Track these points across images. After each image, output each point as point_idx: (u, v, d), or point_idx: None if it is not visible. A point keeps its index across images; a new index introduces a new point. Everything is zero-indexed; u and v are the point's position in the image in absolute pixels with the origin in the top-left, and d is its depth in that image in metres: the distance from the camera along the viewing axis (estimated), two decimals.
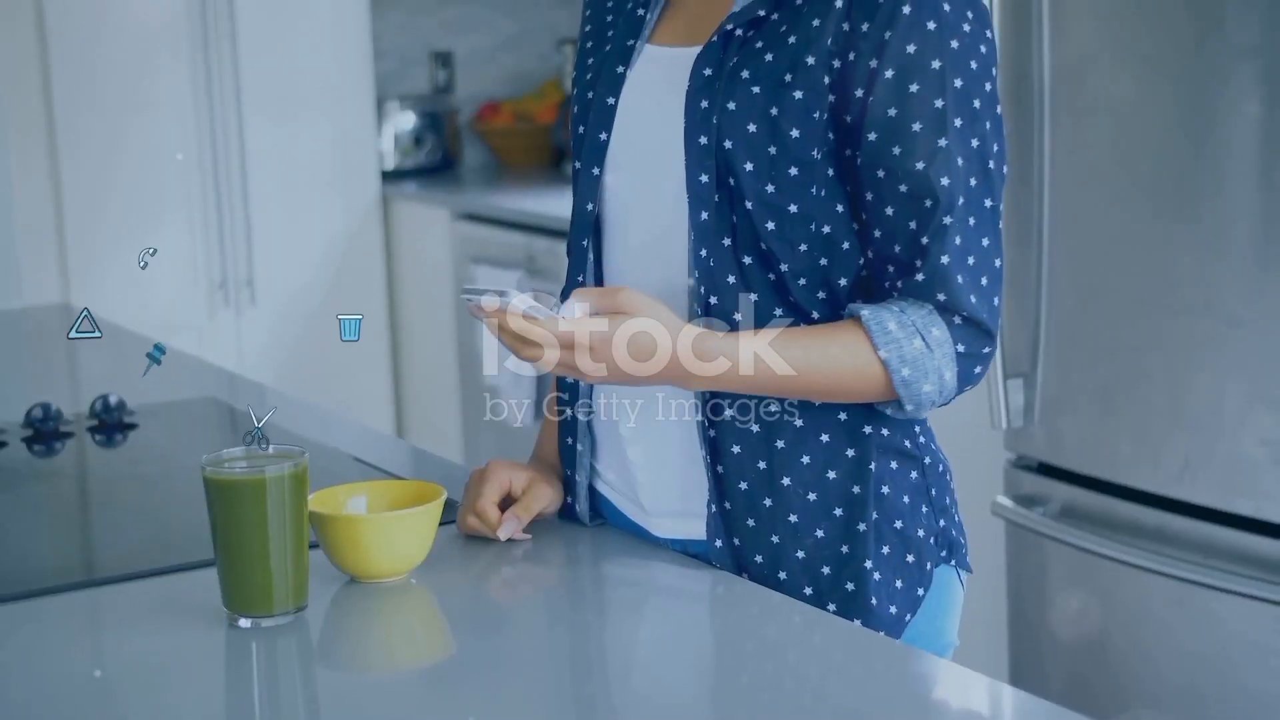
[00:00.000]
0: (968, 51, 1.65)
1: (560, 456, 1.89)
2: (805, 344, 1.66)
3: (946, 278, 1.65)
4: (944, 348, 1.66)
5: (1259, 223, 2.59)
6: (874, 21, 1.63)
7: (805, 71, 1.65)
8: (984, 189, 1.67)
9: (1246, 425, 2.64)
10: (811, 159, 1.66)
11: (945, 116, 1.63)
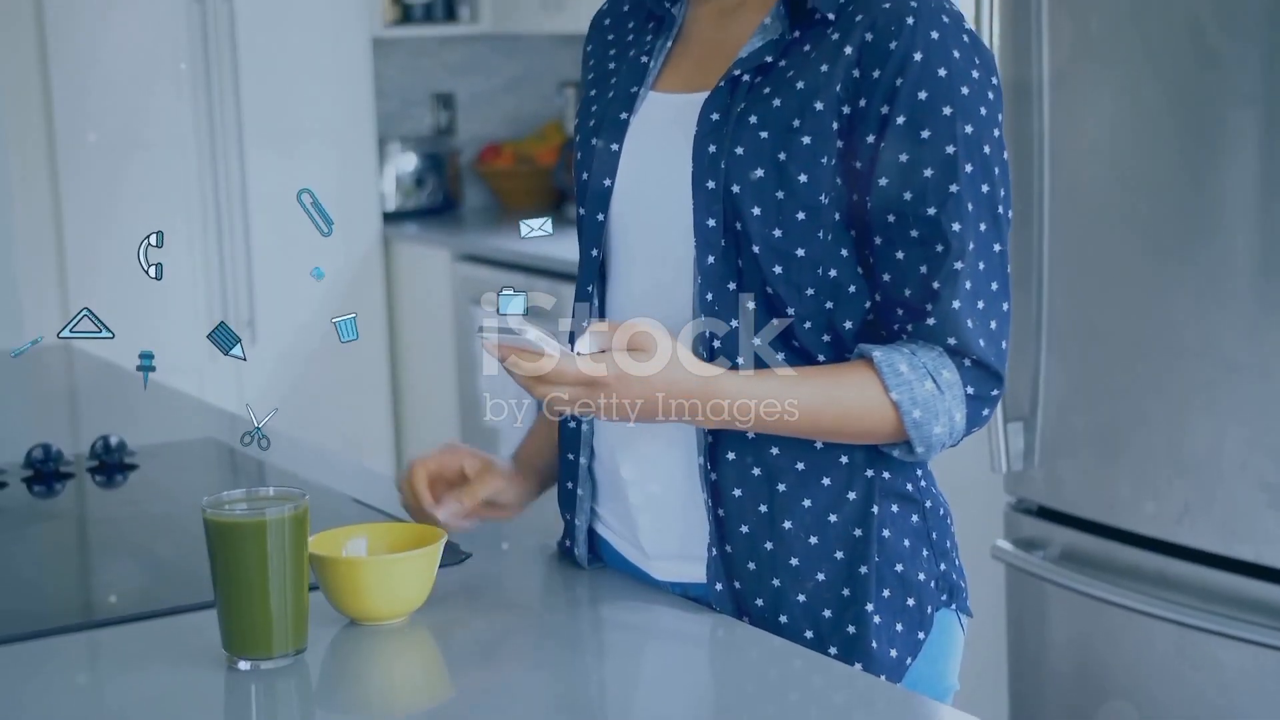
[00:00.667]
0: (977, 98, 1.66)
1: (560, 500, 1.89)
2: (817, 383, 1.66)
3: (957, 322, 1.66)
4: (954, 390, 1.67)
5: (1258, 267, 2.59)
6: (885, 68, 1.64)
7: (814, 117, 1.65)
8: (993, 234, 1.67)
9: (1246, 469, 2.64)
10: (819, 204, 1.66)
11: (956, 162, 1.64)
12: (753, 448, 1.71)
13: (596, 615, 1.82)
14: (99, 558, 2.15)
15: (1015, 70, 2.92)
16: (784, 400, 1.65)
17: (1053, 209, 2.91)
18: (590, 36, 1.93)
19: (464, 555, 1.92)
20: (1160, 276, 2.75)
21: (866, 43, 1.64)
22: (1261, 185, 2.57)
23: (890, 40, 1.64)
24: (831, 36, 1.67)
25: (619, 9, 1.91)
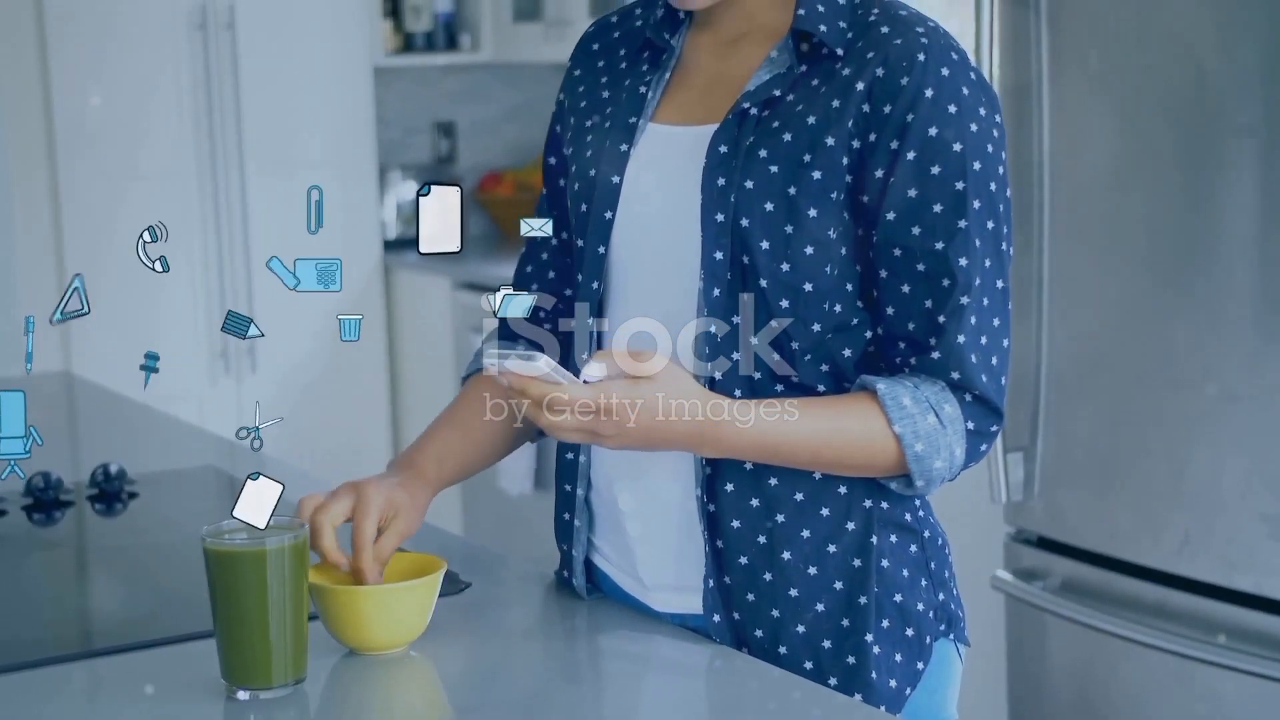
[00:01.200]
0: (984, 135, 1.67)
1: (556, 531, 1.88)
2: (821, 415, 1.66)
3: (961, 357, 1.66)
4: (956, 424, 1.67)
5: (1258, 298, 2.60)
6: (896, 104, 1.64)
7: (825, 152, 1.66)
8: (997, 269, 1.68)
9: (1246, 500, 2.64)
10: (827, 238, 1.67)
11: (965, 198, 1.65)
12: (751, 479, 1.71)
13: (595, 645, 1.82)
14: (98, 586, 2.15)
15: (1015, 99, 2.93)
16: (787, 431, 1.65)
17: (1053, 238, 2.91)
18: (577, 61, 1.91)
19: (464, 585, 1.92)
20: (1160, 307, 2.75)
21: (878, 78, 1.65)
22: (1261, 215, 2.58)
23: (902, 76, 1.64)
24: (842, 72, 1.67)
25: (609, 36, 1.90)
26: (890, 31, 1.67)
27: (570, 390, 1.59)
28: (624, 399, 1.60)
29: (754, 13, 1.76)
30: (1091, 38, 2.83)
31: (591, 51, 1.90)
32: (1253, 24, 2.57)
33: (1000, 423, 1.71)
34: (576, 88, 1.89)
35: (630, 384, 1.61)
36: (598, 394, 1.59)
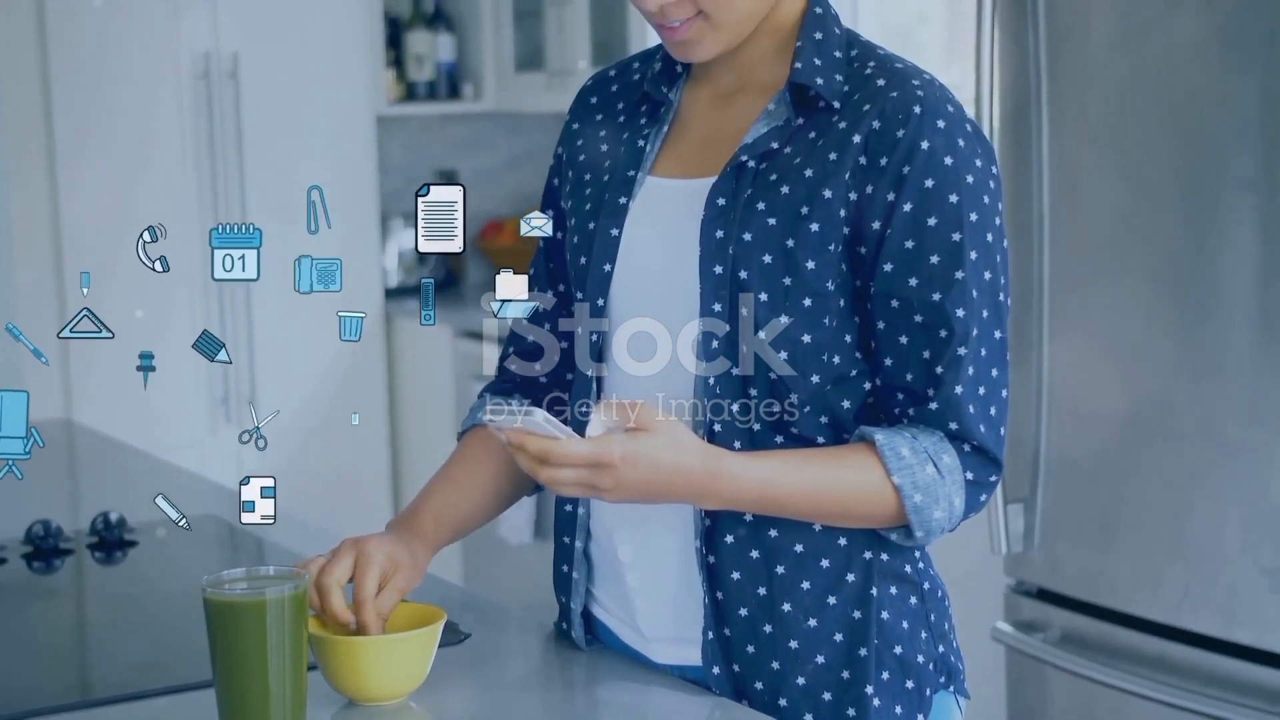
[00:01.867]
0: (980, 187, 1.67)
1: (555, 583, 1.88)
2: (820, 466, 1.67)
3: (959, 408, 1.67)
4: (954, 475, 1.68)
5: (1257, 350, 2.60)
6: (892, 156, 1.65)
7: (822, 204, 1.66)
8: (995, 320, 1.69)
9: (1246, 553, 2.64)
10: (825, 290, 1.67)
11: (962, 249, 1.65)
12: (751, 530, 1.71)
13: (594, 696, 1.81)
14: (98, 635, 2.15)
15: (1016, 153, 2.94)
16: (786, 483, 1.65)
17: (1053, 290, 2.92)
18: (575, 115, 1.92)
19: (463, 635, 1.92)
20: (1160, 359, 2.76)
21: (874, 130, 1.66)
22: (1260, 267, 2.58)
23: (898, 129, 1.65)
24: (839, 125, 1.68)
25: (607, 89, 1.91)
26: (886, 84, 1.68)
27: (567, 445, 1.59)
28: (622, 453, 1.60)
29: (751, 66, 1.77)
30: (1091, 90, 2.84)
31: (589, 105, 1.90)
32: (1252, 76, 2.58)
33: (999, 473, 1.72)
34: (575, 141, 1.89)
35: (628, 438, 1.61)
36: (596, 448, 1.59)
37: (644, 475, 1.61)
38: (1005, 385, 1.72)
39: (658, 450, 1.61)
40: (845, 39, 1.75)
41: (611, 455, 1.59)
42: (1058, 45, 2.89)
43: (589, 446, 1.59)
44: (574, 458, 1.59)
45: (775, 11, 1.74)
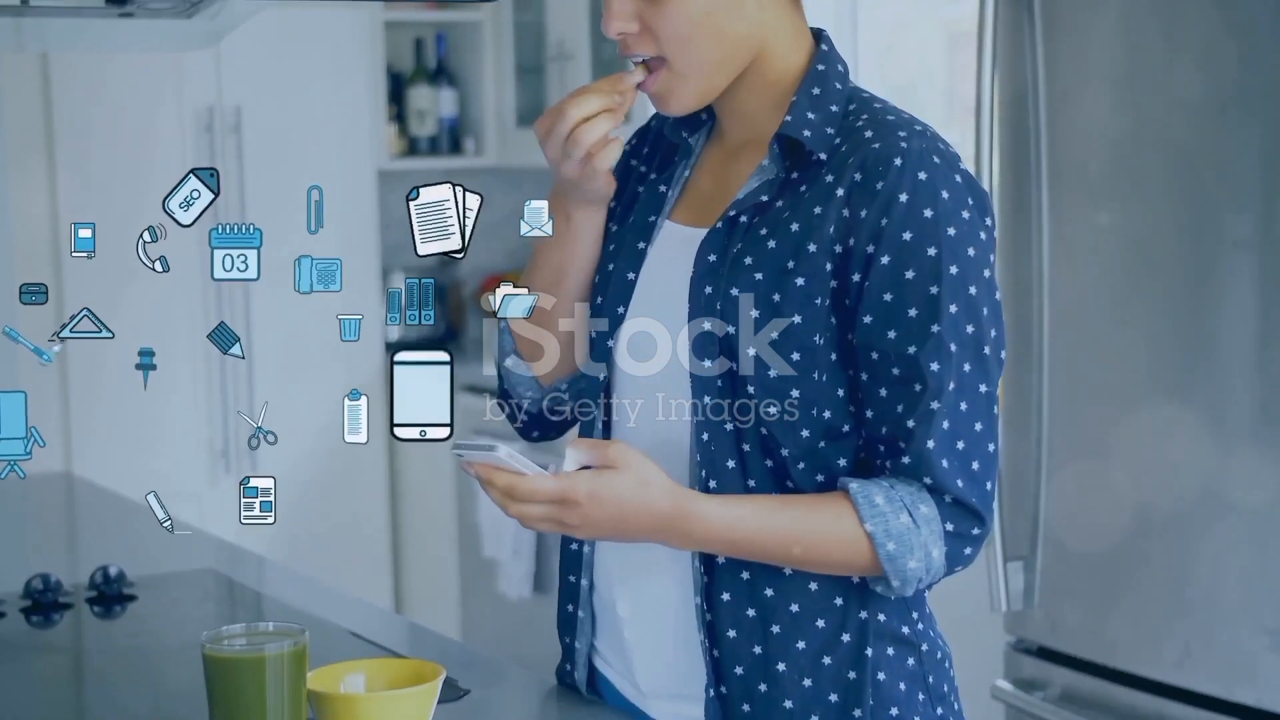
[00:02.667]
0: (965, 239, 1.67)
1: (559, 625, 1.88)
2: (792, 512, 1.67)
3: (931, 462, 1.66)
4: (931, 525, 1.67)
5: (1257, 409, 2.60)
6: (872, 208, 1.65)
7: (807, 258, 1.67)
8: (978, 374, 1.68)
9: (1247, 612, 2.63)
10: (813, 344, 1.68)
11: (939, 302, 1.65)
12: (747, 589, 1.71)
13: None
14: (96, 691, 2.14)
15: (1015, 210, 2.95)
16: (756, 526, 1.66)
17: (1052, 349, 2.92)
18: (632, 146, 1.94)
19: (462, 691, 1.91)
20: (1160, 417, 2.76)
21: (855, 182, 1.67)
22: (1259, 327, 2.59)
23: (877, 180, 1.66)
24: (825, 178, 1.69)
25: (647, 138, 1.93)
26: (872, 136, 1.69)
27: (533, 481, 1.62)
28: (588, 491, 1.61)
29: (754, 121, 1.78)
30: (1090, 148, 2.85)
31: (627, 153, 1.93)
32: (1251, 136, 2.59)
33: (983, 527, 1.70)
34: (622, 172, 1.91)
35: (594, 475, 1.62)
36: (561, 486, 1.61)
37: (610, 513, 1.62)
38: (992, 440, 1.70)
39: (624, 489, 1.62)
40: (846, 95, 1.76)
41: (577, 492, 1.61)
42: (1057, 103, 2.90)
43: (554, 484, 1.61)
44: (539, 494, 1.62)
45: (770, 67, 1.76)
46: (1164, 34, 2.71)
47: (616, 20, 1.72)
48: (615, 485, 1.62)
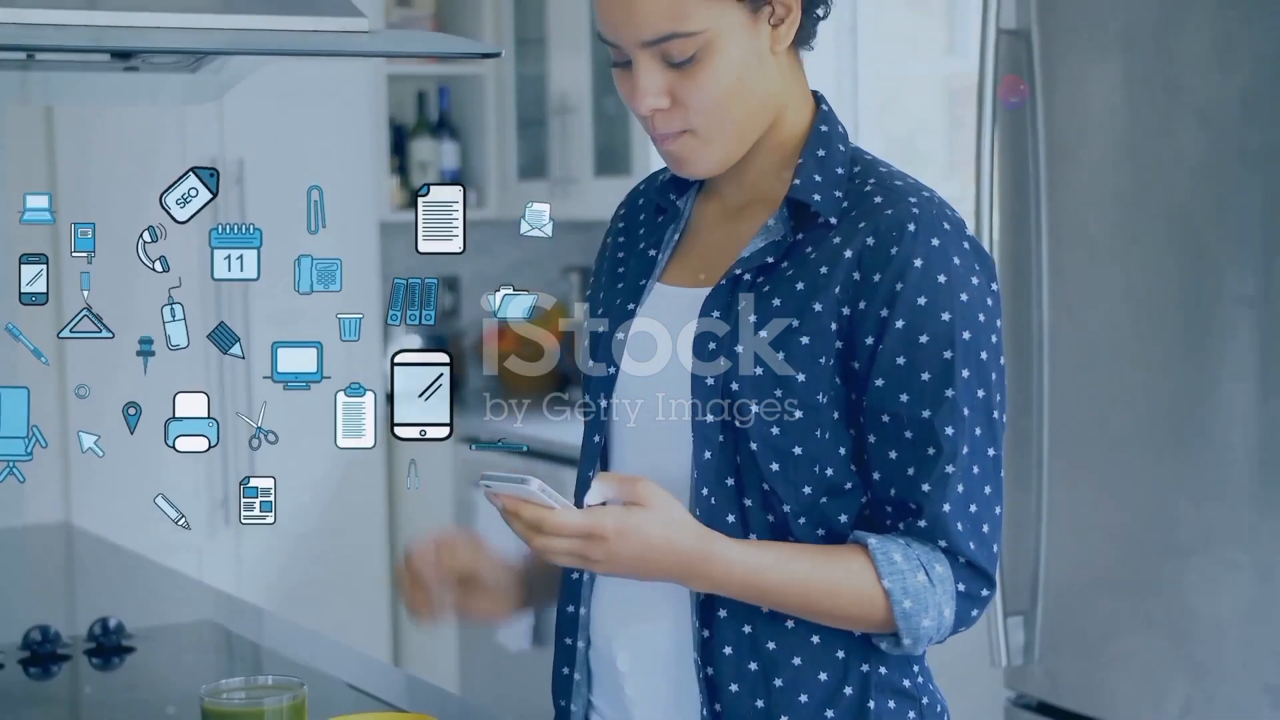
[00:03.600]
0: (975, 305, 1.68)
1: (554, 687, 1.88)
2: (813, 561, 1.67)
3: (947, 525, 1.67)
4: (946, 585, 1.67)
5: (1256, 466, 2.60)
6: (885, 273, 1.66)
7: (813, 318, 1.68)
8: (988, 438, 1.69)
9: (1248, 670, 2.63)
10: (817, 403, 1.68)
11: (953, 367, 1.66)
12: (750, 642, 1.71)
13: None
14: None
15: (1015, 266, 2.96)
16: (778, 573, 1.66)
17: (1052, 406, 2.93)
18: (618, 214, 1.95)
19: None
20: (1159, 474, 2.76)
21: (868, 246, 1.67)
22: (1259, 385, 2.59)
23: (892, 245, 1.66)
24: (833, 240, 1.69)
25: (635, 202, 1.94)
26: (883, 201, 1.70)
27: (562, 515, 1.61)
28: (616, 527, 1.61)
29: (757, 181, 1.79)
30: (1090, 204, 2.86)
31: (620, 215, 1.94)
32: (1250, 193, 2.60)
33: (991, 589, 1.71)
34: (604, 253, 1.93)
35: (623, 511, 1.62)
36: (589, 520, 1.61)
37: (636, 550, 1.62)
38: (999, 503, 1.72)
39: (651, 526, 1.62)
40: (849, 156, 1.76)
41: (605, 528, 1.61)
42: (1057, 158, 2.91)
43: (583, 517, 1.61)
44: (568, 528, 1.61)
45: (780, 128, 1.76)
46: (1164, 91, 2.72)
47: (649, 97, 1.70)
48: (642, 523, 1.62)
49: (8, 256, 4.58)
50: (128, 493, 4.88)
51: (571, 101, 5.16)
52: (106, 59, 2.07)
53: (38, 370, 4.74)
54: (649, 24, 1.67)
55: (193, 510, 5.10)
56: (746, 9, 1.68)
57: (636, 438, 1.78)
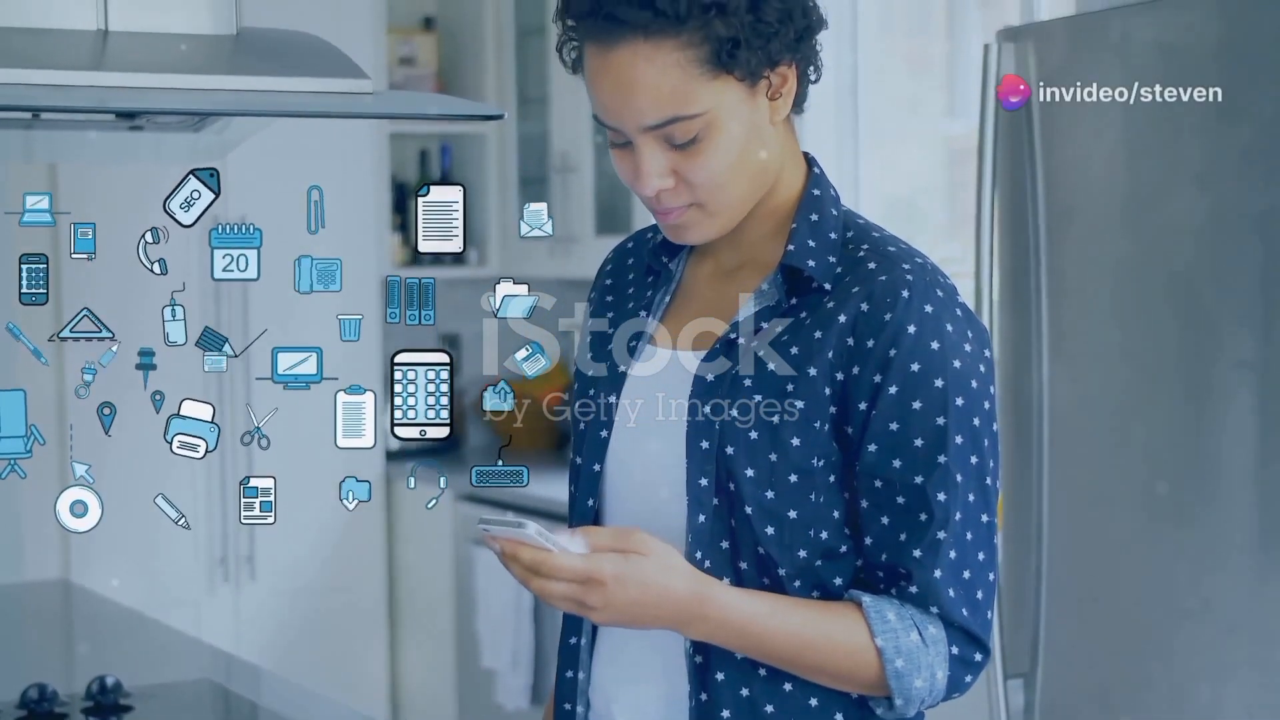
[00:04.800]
0: (968, 371, 1.68)
1: None
2: (807, 615, 1.67)
3: (938, 591, 1.67)
4: (939, 646, 1.67)
5: (1255, 532, 2.60)
6: (879, 339, 1.67)
7: (807, 382, 1.68)
8: (981, 504, 1.69)
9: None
10: (812, 467, 1.68)
11: (946, 434, 1.66)
12: (748, 706, 1.71)
13: None
14: None
15: (1015, 331, 2.96)
16: (773, 624, 1.66)
17: (1052, 465, 2.92)
18: (595, 285, 1.96)
19: None
20: (1158, 539, 2.76)
21: (862, 312, 1.68)
22: (1259, 448, 2.59)
23: (885, 312, 1.67)
24: (827, 305, 1.70)
25: (623, 260, 1.94)
26: (877, 268, 1.70)
27: (560, 558, 1.61)
28: (614, 572, 1.61)
29: (750, 245, 1.80)
30: (1090, 268, 2.87)
31: (604, 272, 1.95)
32: (1249, 258, 2.61)
33: (985, 654, 1.71)
34: (593, 312, 1.93)
35: (621, 558, 1.63)
36: (588, 565, 1.61)
37: (633, 596, 1.62)
38: (993, 569, 1.72)
39: (649, 573, 1.63)
40: (842, 221, 1.77)
41: (603, 573, 1.61)
42: (1057, 222, 2.92)
43: (582, 562, 1.61)
44: (566, 571, 1.61)
45: (775, 192, 1.77)
46: (1164, 155, 2.73)
47: (653, 179, 1.71)
48: (640, 569, 1.62)
49: (8, 256, 4.58)
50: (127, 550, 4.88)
51: (573, 160, 5.18)
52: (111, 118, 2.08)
53: (37, 371, 4.74)
54: (651, 109, 1.68)
55: (191, 567, 5.09)
56: (745, 86, 1.69)
57: (631, 498, 1.78)
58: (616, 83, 1.68)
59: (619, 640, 1.79)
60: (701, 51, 1.66)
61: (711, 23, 1.65)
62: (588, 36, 1.71)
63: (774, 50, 1.69)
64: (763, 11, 1.67)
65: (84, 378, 1.69)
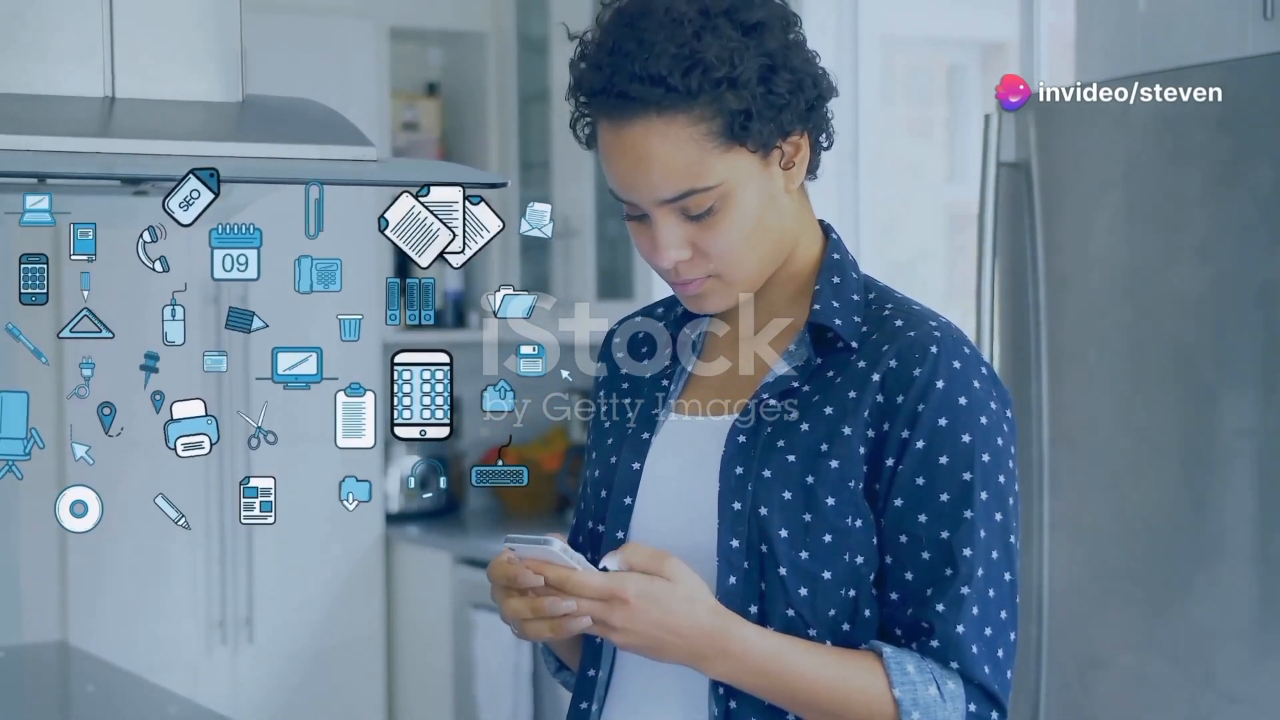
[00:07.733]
0: (994, 429, 1.70)
1: None
2: (826, 659, 1.67)
3: (961, 647, 1.67)
4: (956, 702, 1.68)
5: (1255, 601, 2.60)
6: (908, 394, 1.68)
7: (842, 442, 1.69)
8: (1004, 562, 1.70)
9: None
10: (847, 526, 1.69)
11: (972, 489, 1.67)
12: None
13: None
14: None
15: (1015, 396, 2.95)
16: (792, 664, 1.66)
17: (1053, 539, 2.92)
18: (604, 358, 1.96)
19: None
20: (1159, 610, 2.75)
21: (891, 369, 1.69)
22: (1260, 518, 2.59)
23: (914, 367, 1.68)
24: (857, 364, 1.71)
25: (631, 333, 1.95)
26: (904, 325, 1.72)
27: (584, 576, 1.62)
28: (637, 592, 1.62)
29: (772, 309, 1.81)
30: (1090, 337, 2.88)
31: (614, 345, 1.95)
32: (1248, 328, 2.61)
33: (1002, 713, 1.71)
34: (603, 388, 1.93)
35: (646, 579, 1.63)
36: (612, 583, 1.62)
37: (655, 619, 1.62)
38: (1014, 628, 1.72)
39: (673, 600, 1.63)
40: (863, 283, 1.79)
41: (626, 591, 1.61)
42: (1057, 290, 2.93)
43: (605, 580, 1.62)
44: (589, 589, 1.61)
45: (794, 259, 1.79)
46: (1163, 226, 2.75)
47: (670, 251, 1.72)
48: (664, 594, 1.63)
49: (8, 256, 4.58)
50: (126, 613, 4.87)
51: (574, 225, 5.19)
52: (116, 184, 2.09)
53: (37, 370, 4.73)
54: (667, 183, 1.69)
55: (189, 630, 5.08)
56: (758, 156, 1.71)
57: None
58: (631, 158, 1.70)
59: (634, 671, 1.79)
60: (714, 125, 1.67)
61: (723, 96, 1.66)
62: (601, 113, 1.72)
63: (786, 121, 1.71)
64: (774, 83, 1.69)
65: (83, 374, 1.69)
